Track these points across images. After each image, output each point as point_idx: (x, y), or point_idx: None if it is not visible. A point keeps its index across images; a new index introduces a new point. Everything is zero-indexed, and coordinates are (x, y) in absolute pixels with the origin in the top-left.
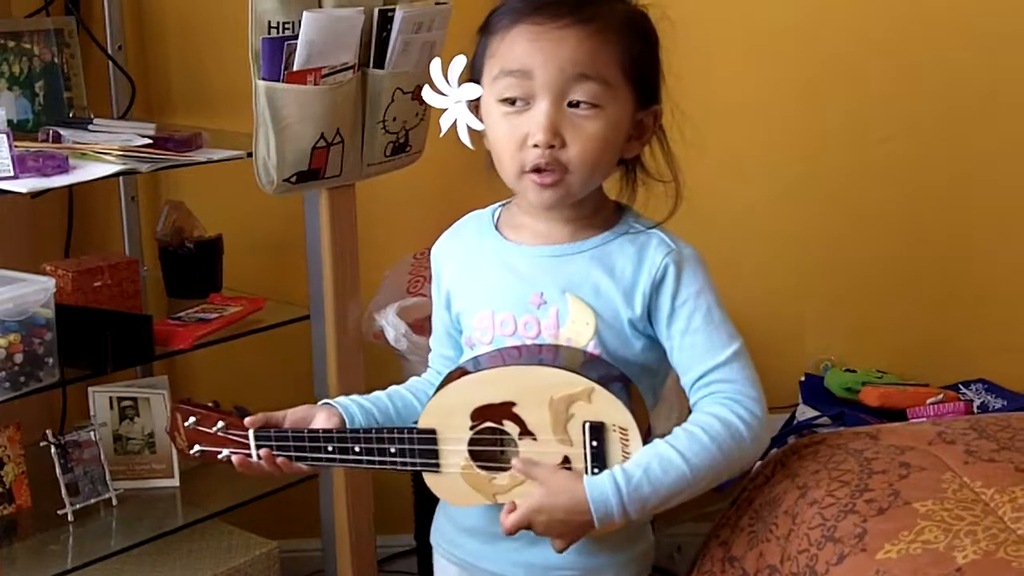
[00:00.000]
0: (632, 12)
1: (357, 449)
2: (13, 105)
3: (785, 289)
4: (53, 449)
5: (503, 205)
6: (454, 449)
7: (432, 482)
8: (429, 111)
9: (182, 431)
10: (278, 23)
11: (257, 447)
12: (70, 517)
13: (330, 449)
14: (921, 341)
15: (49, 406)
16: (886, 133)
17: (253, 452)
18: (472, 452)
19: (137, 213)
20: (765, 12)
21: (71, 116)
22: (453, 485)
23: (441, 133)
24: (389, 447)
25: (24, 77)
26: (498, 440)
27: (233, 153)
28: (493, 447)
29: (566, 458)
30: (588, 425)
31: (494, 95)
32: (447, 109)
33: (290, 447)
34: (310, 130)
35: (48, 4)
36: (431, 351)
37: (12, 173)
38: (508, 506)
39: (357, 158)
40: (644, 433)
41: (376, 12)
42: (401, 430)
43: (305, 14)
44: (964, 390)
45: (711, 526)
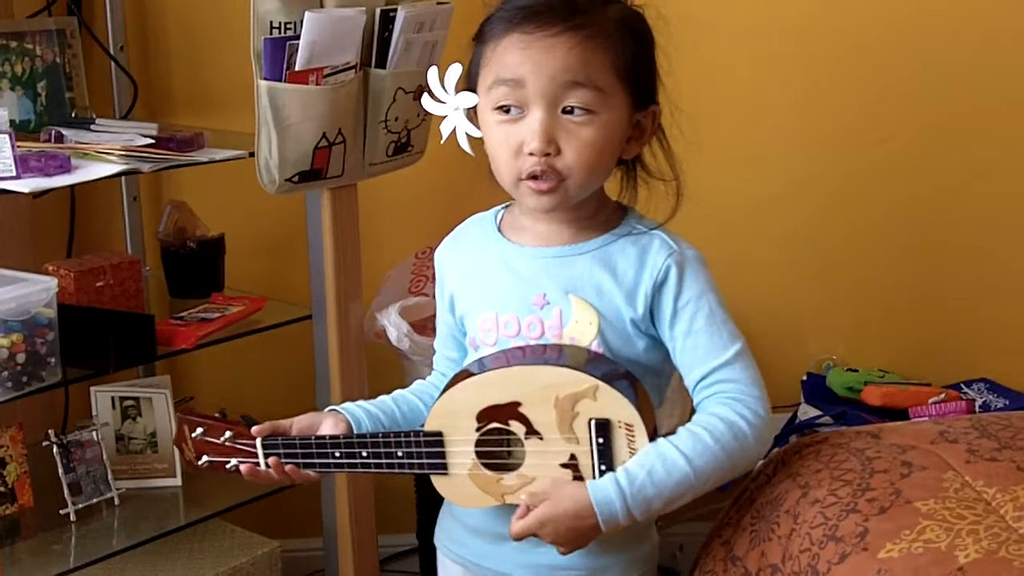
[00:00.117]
0: (626, 14)
1: (364, 454)
2: (15, 105)
3: (787, 289)
4: (55, 449)
5: (506, 207)
6: (461, 451)
7: (440, 485)
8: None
9: (190, 442)
10: (280, 23)
11: (265, 455)
12: (72, 517)
13: (337, 455)
14: (923, 341)
15: (51, 406)
16: (889, 132)
17: (261, 461)
18: (479, 453)
19: (139, 213)
20: (765, 13)
21: (73, 116)
22: (461, 487)
23: (441, 140)
24: (396, 451)
25: (26, 77)
26: (505, 440)
27: (235, 153)
28: (500, 447)
29: (572, 456)
30: (594, 422)
31: (489, 103)
32: (446, 116)
33: (298, 454)
34: (312, 130)
35: (50, 4)
36: (436, 354)
37: (14, 173)
38: (520, 510)
39: (359, 158)
40: (650, 430)
41: (378, 12)
42: (408, 433)
43: (307, 14)
44: (966, 389)
45: (713, 525)
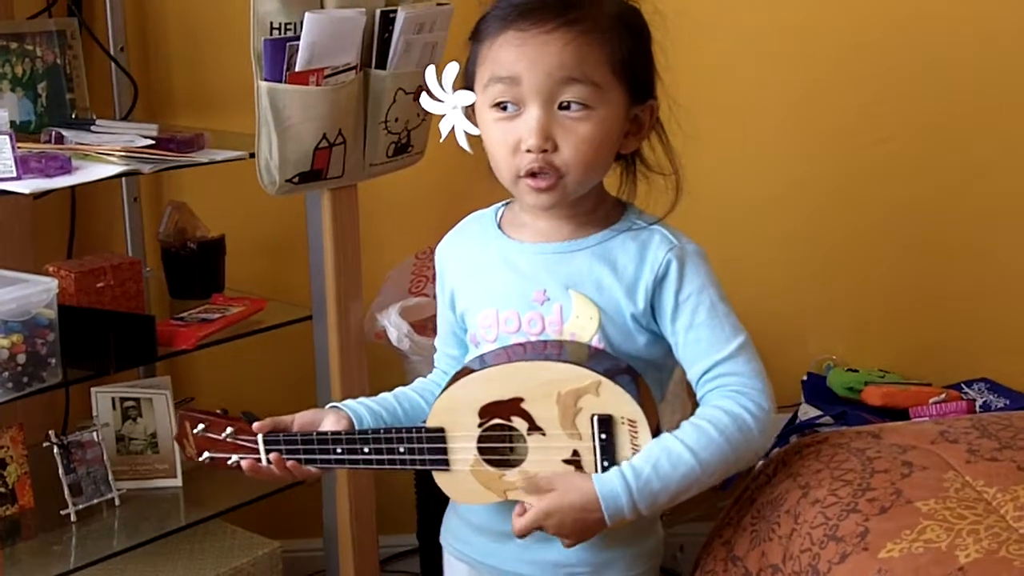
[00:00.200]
0: (622, 9)
1: (366, 450)
2: (16, 106)
3: (787, 288)
4: (56, 449)
5: (506, 204)
6: (463, 447)
7: (442, 481)
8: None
9: (191, 438)
10: (280, 24)
11: (266, 451)
12: (73, 517)
13: (339, 451)
14: (923, 341)
15: (52, 407)
16: (889, 132)
17: (263, 456)
18: (481, 449)
19: (139, 214)
20: (765, 13)
21: (73, 117)
22: (463, 483)
23: (441, 139)
24: (398, 447)
25: (27, 78)
26: (507, 436)
27: (235, 154)
28: (502, 443)
29: (575, 452)
30: (596, 418)
31: (486, 101)
32: (445, 115)
33: (299, 450)
34: (312, 131)
35: (50, 5)
36: (437, 351)
37: (15, 174)
38: (518, 508)
39: (359, 158)
40: (653, 426)
41: (378, 13)
42: (410, 429)
43: (307, 15)
44: (966, 389)
45: (713, 525)
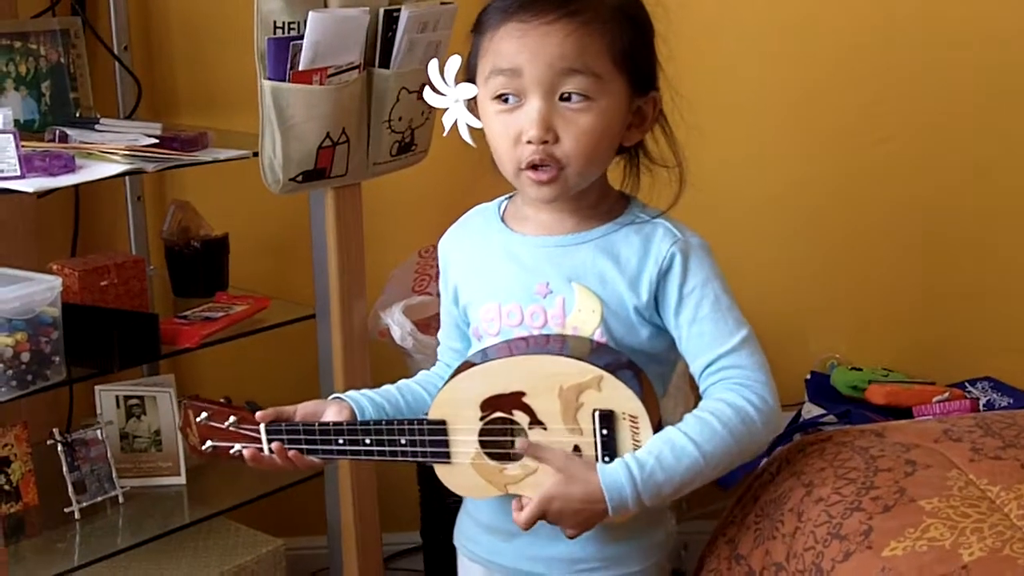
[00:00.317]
0: (623, 0)
1: (368, 441)
2: (20, 105)
3: (790, 287)
4: (60, 447)
5: (509, 198)
6: (465, 439)
7: (444, 474)
8: (434, 111)
9: (194, 427)
10: (283, 23)
11: (269, 441)
12: (77, 515)
13: (341, 442)
14: (927, 339)
15: (56, 405)
16: (889, 132)
17: (265, 446)
18: (483, 442)
19: (143, 212)
20: (765, 13)
21: (77, 116)
22: (464, 477)
23: (444, 132)
24: (400, 439)
25: (30, 77)
26: (508, 430)
27: (239, 153)
28: (503, 437)
29: (576, 447)
30: (598, 414)
31: (488, 93)
32: (448, 109)
33: (301, 440)
34: (316, 130)
35: (54, 5)
36: (440, 344)
37: (19, 173)
38: (516, 503)
39: (363, 157)
40: (655, 422)
41: (381, 12)
42: (411, 421)
43: (311, 14)
44: (970, 388)
45: (717, 524)
